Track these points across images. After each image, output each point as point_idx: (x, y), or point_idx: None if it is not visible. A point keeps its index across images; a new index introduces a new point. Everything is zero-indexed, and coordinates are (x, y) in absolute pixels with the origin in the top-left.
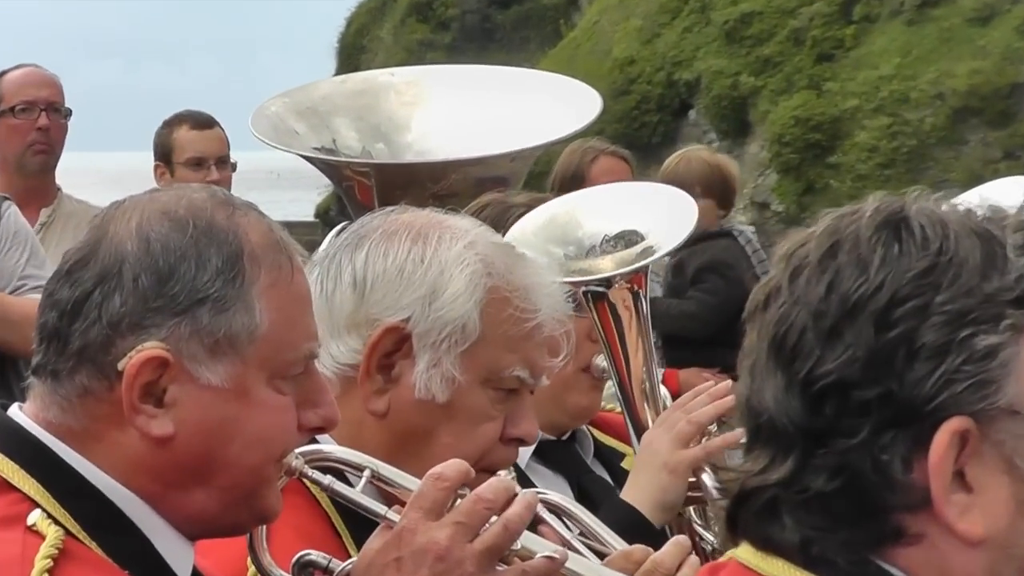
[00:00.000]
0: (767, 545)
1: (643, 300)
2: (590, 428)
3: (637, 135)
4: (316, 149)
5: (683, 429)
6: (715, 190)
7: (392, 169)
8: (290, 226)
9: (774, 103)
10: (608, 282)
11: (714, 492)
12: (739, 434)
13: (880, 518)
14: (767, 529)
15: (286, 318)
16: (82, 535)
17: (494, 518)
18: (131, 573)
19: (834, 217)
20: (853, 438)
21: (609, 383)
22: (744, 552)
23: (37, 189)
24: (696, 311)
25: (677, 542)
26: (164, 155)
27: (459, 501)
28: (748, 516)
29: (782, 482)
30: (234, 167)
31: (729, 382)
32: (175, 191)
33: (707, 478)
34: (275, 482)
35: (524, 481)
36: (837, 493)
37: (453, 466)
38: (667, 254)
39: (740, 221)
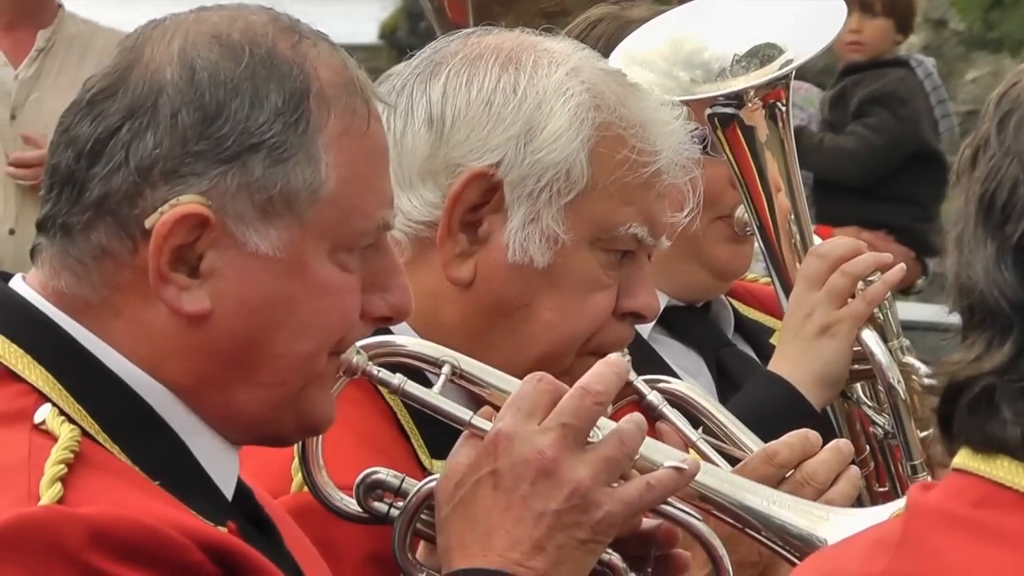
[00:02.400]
0: (988, 444)
1: (786, 120)
2: (730, 299)
3: None
4: None
5: (837, 282)
6: (897, 7)
7: None
8: (346, 49)
9: None
10: (739, 99)
11: (883, 359)
12: (901, 270)
13: None
14: (985, 425)
15: (358, 176)
16: (101, 436)
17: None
18: (162, 484)
19: None
20: None
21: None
22: (962, 457)
23: (31, 5)
24: (855, 149)
25: (836, 448)
26: None
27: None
28: (962, 413)
29: (998, 370)
30: None
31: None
32: (228, 10)
33: (872, 341)
34: (328, 383)
35: (646, 353)
36: None
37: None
38: (811, 59)
39: (910, 44)
